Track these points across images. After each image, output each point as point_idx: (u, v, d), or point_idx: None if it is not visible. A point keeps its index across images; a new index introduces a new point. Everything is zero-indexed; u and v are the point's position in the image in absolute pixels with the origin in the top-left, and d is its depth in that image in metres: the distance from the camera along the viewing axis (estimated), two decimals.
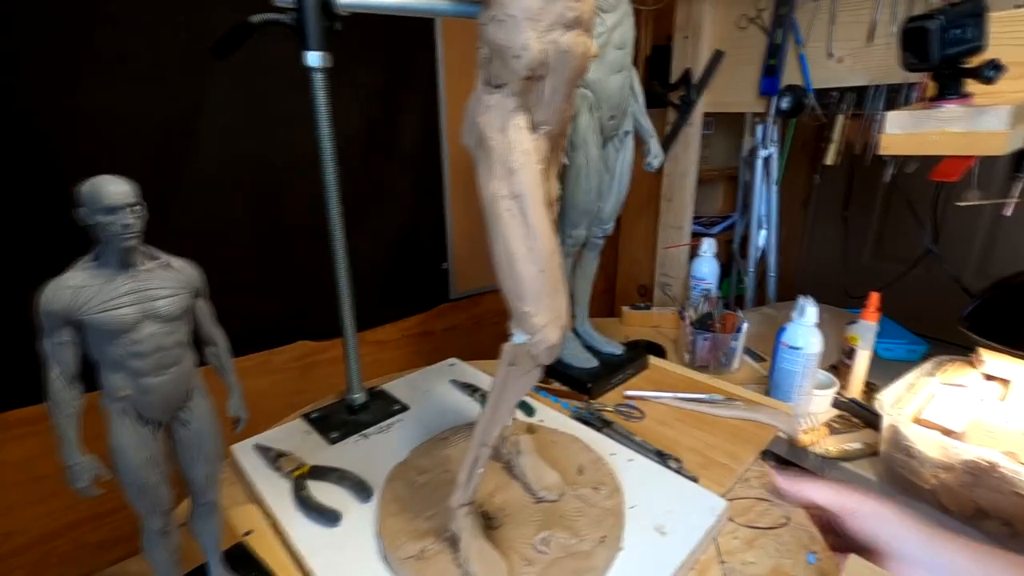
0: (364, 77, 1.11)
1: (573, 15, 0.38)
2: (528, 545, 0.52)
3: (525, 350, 0.44)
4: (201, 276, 0.44)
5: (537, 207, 0.41)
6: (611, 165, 0.82)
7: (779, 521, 0.61)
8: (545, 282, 0.42)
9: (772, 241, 1.47)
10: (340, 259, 0.72)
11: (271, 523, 0.59)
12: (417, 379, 0.88)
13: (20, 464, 0.91)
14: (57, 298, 0.37)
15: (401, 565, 0.50)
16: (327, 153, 0.67)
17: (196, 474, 0.46)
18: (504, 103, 0.41)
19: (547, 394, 0.85)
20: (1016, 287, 0.97)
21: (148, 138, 0.90)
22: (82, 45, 0.82)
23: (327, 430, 0.73)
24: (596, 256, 0.90)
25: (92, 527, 1.00)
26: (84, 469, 0.39)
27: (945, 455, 0.72)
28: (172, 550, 0.46)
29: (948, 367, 0.93)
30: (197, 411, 0.45)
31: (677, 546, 0.54)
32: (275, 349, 1.16)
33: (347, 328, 0.75)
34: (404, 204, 1.26)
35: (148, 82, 0.88)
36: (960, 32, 0.64)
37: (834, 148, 1.18)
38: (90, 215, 0.37)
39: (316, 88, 0.64)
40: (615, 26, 0.70)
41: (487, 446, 0.49)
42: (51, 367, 0.38)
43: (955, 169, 0.71)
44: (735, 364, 1.08)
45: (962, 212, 1.36)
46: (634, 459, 0.67)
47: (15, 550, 0.93)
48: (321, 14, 0.60)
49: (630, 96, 0.78)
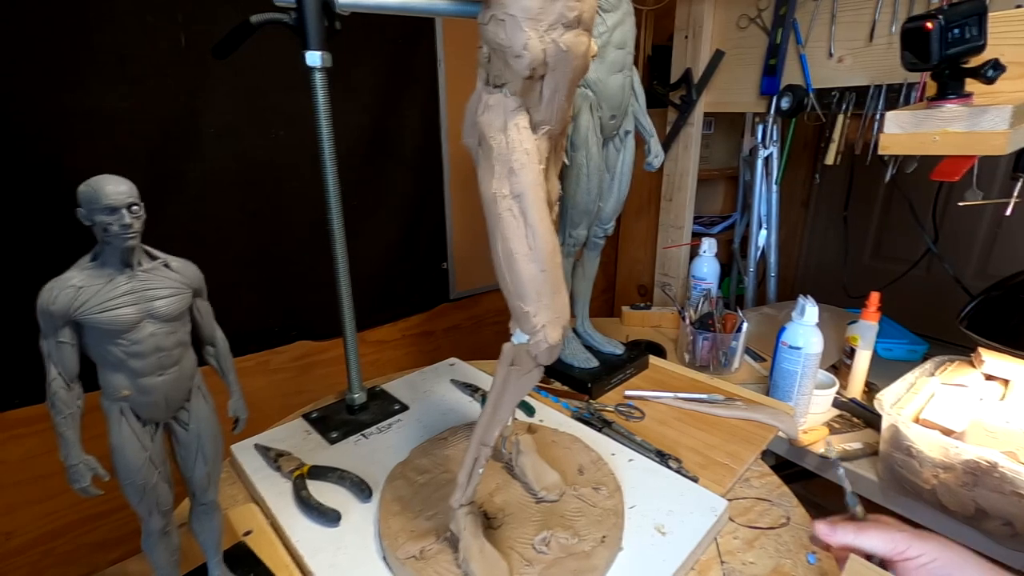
0: (364, 77, 1.11)
1: (573, 14, 0.38)
2: (528, 545, 0.52)
3: (525, 350, 0.44)
4: (200, 276, 0.44)
5: (538, 207, 0.41)
6: (611, 165, 0.82)
7: (779, 521, 0.61)
8: (546, 282, 0.41)
9: (772, 241, 1.47)
10: (340, 259, 0.72)
11: (271, 523, 0.59)
12: (417, 379, 0.88)
13: (20, 464, 0.91)
14: (57, 298, 0.37)
15: (401, 565, 0.50)
16: (327, 153, 0.67)
17: (196, 474, 0.46)
18: (505, 103, 0.41)
19: (547, 394, 0.85)
20: (1016, 287, 0.97)
21: (148, 138, 0.90)
22: (82, 45, 0.82)
23: (327, 430, 0.73)
24: (596, 256, 0.90)
25: (92, 527, 1.00)
26: (84, 469, 0.39)
27: (945, 455, 0.72)
28: (172, 550, 0.46)
29: (948, 367, 0.93)
30: (197, 411, 0.44)
31: (677, 546, 0.54)
32: (275, 349, 1.16)
33: (347, 328, 0.75)
34: (404, 204, 1.26)
35: (148, 82, 0.88)
36: (960, 32, 0.63)
37: (834, 148, 1.17)
38: (89, 215, 0.37)
39: (316, 88, 0.64)
40: (616, 26, 0.70)
41: (487, 446, 0.49)
42: (51, 368, 0.38)
43: (955, 169, 0.70)
44: (735, 364, 1.08)
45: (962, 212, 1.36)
46: (634, 459, 0.67)
47: (15, 550, 0.93)
48: (321, 14, 0.60)
49: (631, 96, 0.78)
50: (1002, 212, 0.81)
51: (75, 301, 0.37)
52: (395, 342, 1.37)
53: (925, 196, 1.34)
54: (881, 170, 1.11)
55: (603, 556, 0.51)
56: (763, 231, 1.47)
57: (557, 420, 0.76)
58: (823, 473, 0.90)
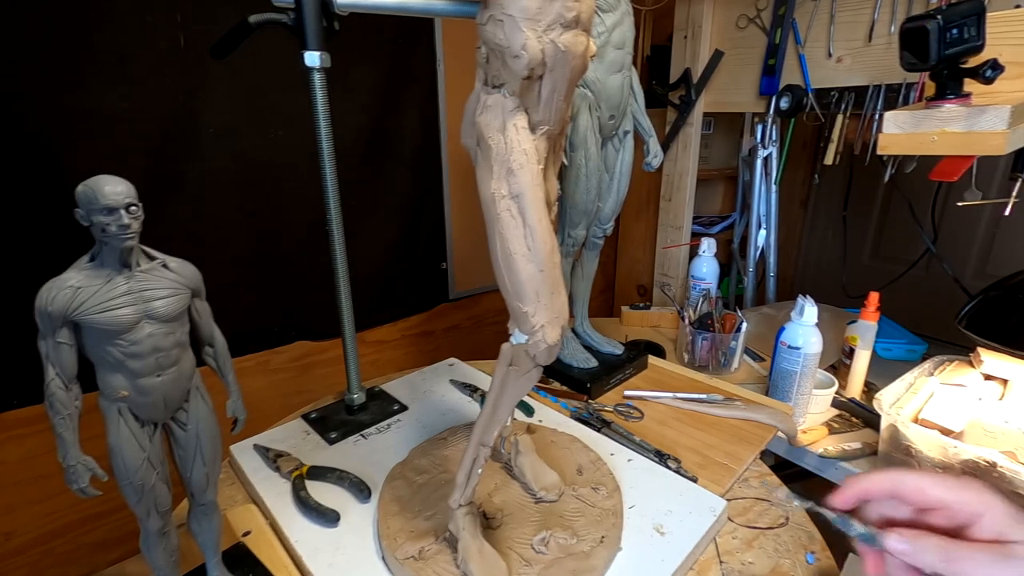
0: (363, 77, 1.11)
1: (572, 14, 0.38)
2: (527, 545, 0.52)
3: (524, 350, 0.43)
4: (199, 276, 0.44)
5: (536, 207, 0.41)
6: (610, 165, 0.82)
7: (778, 521, 0.61)
8: (544, 282, 0.41)
9: (771, 241, 1.47)
10: (339, 259, 0.72)
11: (270, 523, 0.59)
12: (416, 379, 0.88)
13: (20, 464, 0.91)
14: (55, 299, 0.37)
15: (400, 565, 0.50)
16: (326, 153, 0.67)
17: (195, 475, 0.46)
18: (503, 103, 0.41)
19: (546, 394, 0.85)
20: (1015, 287, 0.97)
21: (147, 138, 0.90)
22: (82, 45, 0.82)
23: (326, 430, 0.73)
24: (595, 256, 0.90)
25: (92, 527, 1.00)
26: (82, 470, 0.39)
27: (944, 455, 0.72)
28: (171, 551, 0.46)
29: (947, 367, 0.93)
30: (196, 412, 0.44)
31: (676, 546, 0.54)
32: (274, 349, 1.16)
33: (346, 328, 0.75)
34: (403, 204, 1.26)
35: (148, 82, 0.88)
36: (959, 32, 0.63)
37: (833, 148, 1.17)
38: (88, 216, 0.37)
39: (315, 88, 0.64)
40: (614, 26, 0.70)
41: (486, 446, 0.49)
42: (48, 368, 0.38)
43: (954, 169, 0.70)
44: (734, 364, 1.08)
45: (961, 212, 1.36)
46: (633, 459, 0.67)
47: (15, 550, 0.93)
48: (320, 14, 0.60)
49: (630, 96, 0.78)
50: (1001, 212, 0.81)
51: (73, 301, 0.37)
52: (394, 342, 1.37)
53: (924, 196, 1.34)
54: (880, 170, 1.11)
55: (602, 556, 0.51)
56: (762, 231, 1.47)
57: (556, 420, 0.76)
58: (822, 473, 0.90)
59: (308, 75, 0.64)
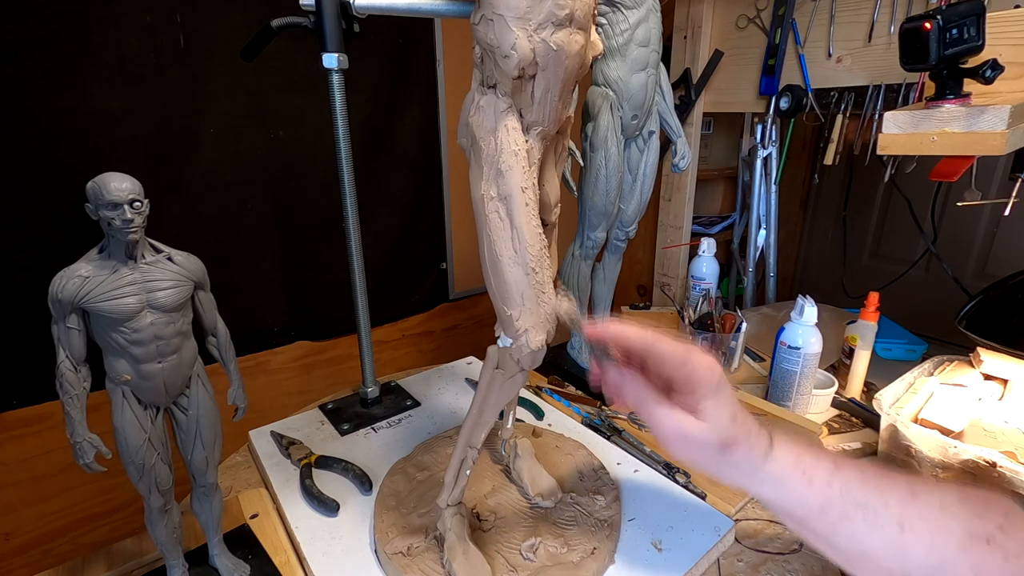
0: (364, 78, 1.11)
1: (564, 13, 0.38)
2: (515, 550, 0.52)
3: (508, 354, 0.43)
4: (203, 269, 0.46)
5: (524, 210, 0.40)
6: (634, 166, 0.79)
7: (790, 547, 0.57)
8: (530, 286, 0.41)
9: (771, 241, 1.47)
10: (355, 256, 0.73)
11: (276, 508, 0.60)
12: (433, 376, 0.88)
13: (19, 465, 0.91)
14: (65, 287, 0.39)
15: (389, 559, 0.50)
16: (343, 153, 0.68)
17: (195, 457, 0.48)
18: (495, 103, 0.41)
19: (560, 397, 0.84)
20: (1015, 287, 0.96)
21: (148, 138, 0.90)
22: (82, 45, 0.82)
23: (339, 421, 0.75)
24: (618, 260, 0.88)
25: (91, 527, 1.00)
26: (88, 446, 0.42)
27: (944, 455, 0.71)
28: (172, 527, 0.48)
29: (947, 367, 0.93)
30: (196, 398, 0.46)
31: (673, 564, 0.52)
32: (274, 349, 1.16)
33: (361, 322, 0.77)
34: (404, 204, 1.26)
35: (148, 82, 0.88)
36: (958, 32, 0.63)
37: (833, 148, 1.17)
38: (96, 210, 0.39)
39: (333, 89, 0.65)
40: (638, 23, 0.69)
41: (474, 448, 0.49)
42: (60, 351, 0.41)
43: (954, 169, 0.70)
44: (734, 364, 1.08)
45: (961, 212, 1.36)
46: (640, 470, 0.65)
47: (14, 550, 0.94)
48: (339, 17, 0.60)
49: (655, 95, 0.76)
50: (1001, 212, 0.81)
51: (81, 289, 0.39)
52: (394, 342, 1.37)
53: (924, 196, 1.33)
54: (880, 170, 1.11)
55: (591, 568, 0.50)
56: (762, 231, 1.46)
57: (566, 425, 0.75)
58: None
59: (327, 76, 0.64)
